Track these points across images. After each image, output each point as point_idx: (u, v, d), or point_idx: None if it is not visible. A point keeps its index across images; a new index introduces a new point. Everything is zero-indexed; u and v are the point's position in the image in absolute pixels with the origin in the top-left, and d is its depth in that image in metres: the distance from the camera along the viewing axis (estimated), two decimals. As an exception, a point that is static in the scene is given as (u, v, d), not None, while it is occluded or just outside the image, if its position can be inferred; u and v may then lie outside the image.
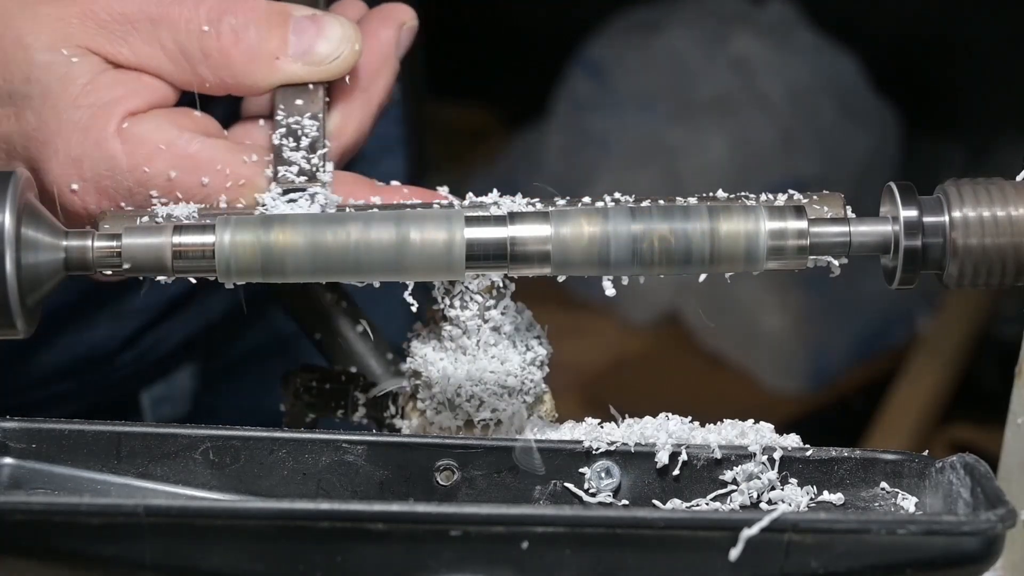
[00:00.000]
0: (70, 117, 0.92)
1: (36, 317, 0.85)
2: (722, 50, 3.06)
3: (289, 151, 0.93)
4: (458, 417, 0.91)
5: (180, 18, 0.93)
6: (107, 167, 0.91)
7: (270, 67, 0.94)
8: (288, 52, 0.94)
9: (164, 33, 0.93)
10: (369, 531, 0.75)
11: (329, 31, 0.96)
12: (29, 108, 0.92)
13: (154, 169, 0.91)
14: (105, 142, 0.91)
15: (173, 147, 0.92)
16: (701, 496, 0.86)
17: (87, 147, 0.91)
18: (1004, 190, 0.86)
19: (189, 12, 0.93)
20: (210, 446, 0.86)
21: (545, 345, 0.91)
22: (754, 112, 3.01)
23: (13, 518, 0.75)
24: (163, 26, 0.93)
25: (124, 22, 0.93)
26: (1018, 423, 0.98)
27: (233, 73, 0.94)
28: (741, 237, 0.84)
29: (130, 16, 0.93)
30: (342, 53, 0.96)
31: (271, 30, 0.94)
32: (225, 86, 0.95)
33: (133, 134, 0.92)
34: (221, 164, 0.92)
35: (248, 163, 0.93)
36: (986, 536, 0.76)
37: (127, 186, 0.92)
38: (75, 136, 0.91)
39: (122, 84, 0.93)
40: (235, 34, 0.93)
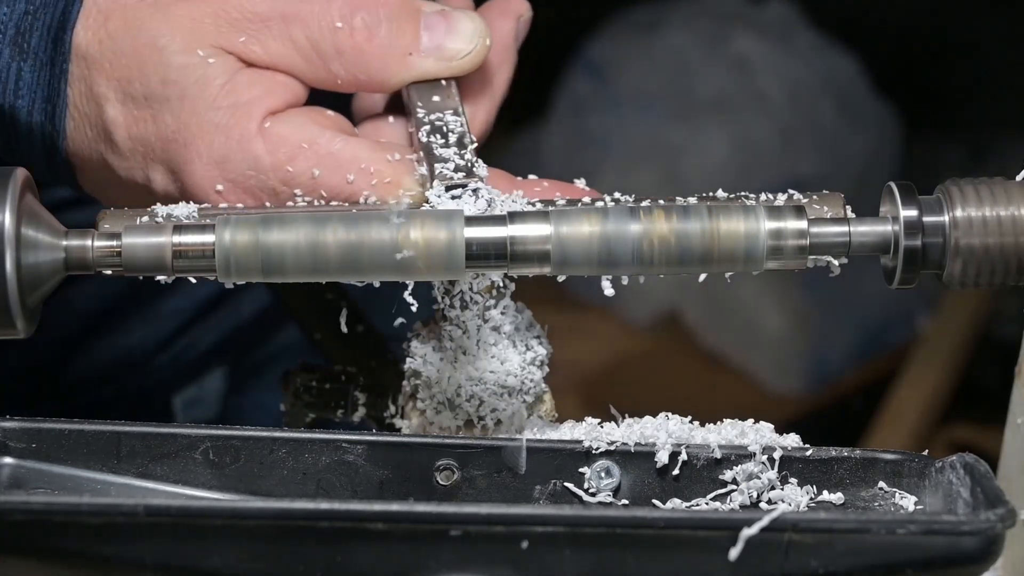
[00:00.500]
0: (210, 119, 0.91)
1: (36, 317, 0.85)
2: (722, 50, 3.05)
3: (439, 148, 0.92)
4: (458, 417, 0.91)
5: (312, 15, 0.93)
6: (251, 167, 0.91)
7: (403, 63, 0.94)
8: (421, 48, 0.94)
9: (296, 30, 0.93)
10: (369, 531, 0.75)
11: (460, 26, 0.96)
12: (167, 111, 0.92)
13: (297, 168, 0.91)
14: (248, 142, 0.91)
15: (315, 145, 0.92)
16: (701, 496, 0.86)
17: (230, 148, 0.91)
18: (1004, 190, 0.86)
19: (321, 9, 0.93)
20: (210, 446, 0.86)
21: (545, 345, 0.91)
22: (754, 112, 3.01)
23: (13, 518, 0.75)
24: (295, 23, 0.93)
25: (257, 20, 0.93)
26: (1018, 423, 0.98)
27: (367, 70, 0.94)
28: (741, 237, 0.84)
29: (263, 14, 0.93)
30: (474, 48, 0.96)
31: (403, 26, 0.94)
32: (358, 83, 0.95)
33: (275, 133, 0.92)
34: (365, 162, 0.92)
35: (392, 161, 0.92)
36: (986, 536, 0.76)
37: (271, 185, 0.92)
38: (217, 137, 0.91)
39: (259, 83, 0.93)
40: (368, 30, 0.93)
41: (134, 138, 0.93)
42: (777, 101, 3.01)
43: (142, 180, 0.94)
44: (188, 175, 0.92)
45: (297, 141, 0.92)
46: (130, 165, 0.94)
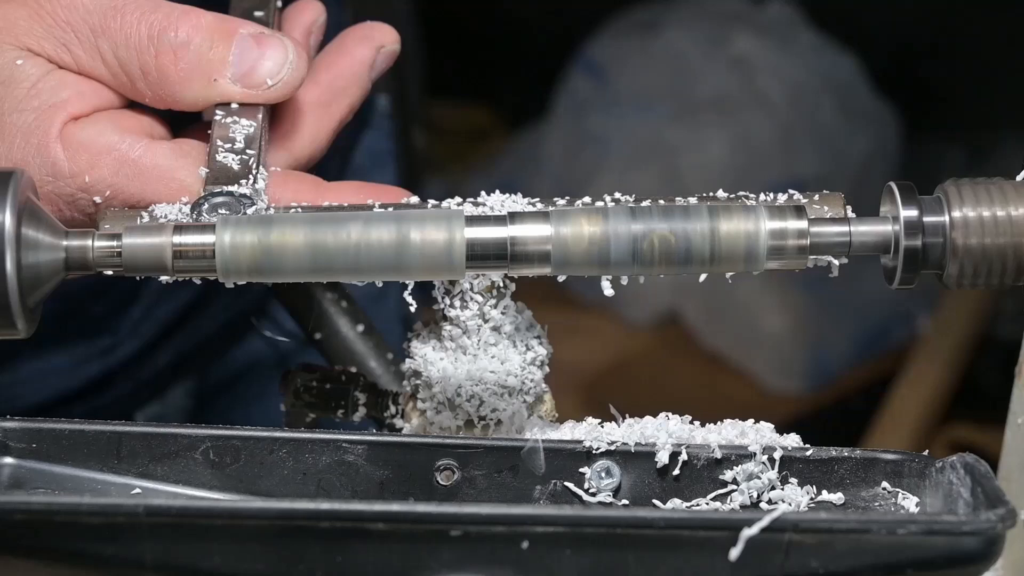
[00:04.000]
0: (14, 121, 0.90)
1: (36, 317, 0.85)
2: (722, 50, 3.06)
3: (223, 152, 0.91)
4: (458, 417, 0.91)
5: (120, 32, 0.91)
6: (49, 173, 0.90)
7: (207, 87, 0.92)
8: (227, 73, 0.92)
9: (104, 45, 0.92)
10: (369, 531, 0.75)
11: (272, 53, 0.93)
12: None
13: (95, 176, 0.90)
14: (47, 147, 0.90)
15: (116, 152, 0.91)
16: (701, 496, 0.86)
17: (28, 152, 0.90)
18: (1004, 190, 0.86)
19: (130, 27, 0.91)
20: (210, 446, 0.86)
21: (545, 345, 0.91)
22: (754, 112, 3.01)
23: (13, 518, 0.75)
24: (104, 38, 0.91)
25: (68, 29, 0.91)
26: (1018, 423, 0.98)
27: (170, 91, 0.92)
28: (741, 237, 0.84)
29: (73, 24, 0.91)
30: (282, 78, 0.93)
31: (212, 48, 0.92)
32: (164, 102, 0.93)
33: (75, 139, 0.90)
34: (165, 171, 0.91)
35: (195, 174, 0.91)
36: (986, 536, 0.76)
37: (69, 192, 0.91)
38: (17, 140, 0.90)
39: (67, 86, 0.91)
40: (173, 52, 0.91)
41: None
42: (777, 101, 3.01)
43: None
44: None
45: (97, 147, 0.90)
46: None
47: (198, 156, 0.92)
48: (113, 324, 1.27)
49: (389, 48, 1.02)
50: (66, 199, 0.91)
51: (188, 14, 0.92)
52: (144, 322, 1.28)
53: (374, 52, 1.01)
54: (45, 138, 0.90)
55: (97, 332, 1.27)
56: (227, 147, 0.91)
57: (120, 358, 1.28)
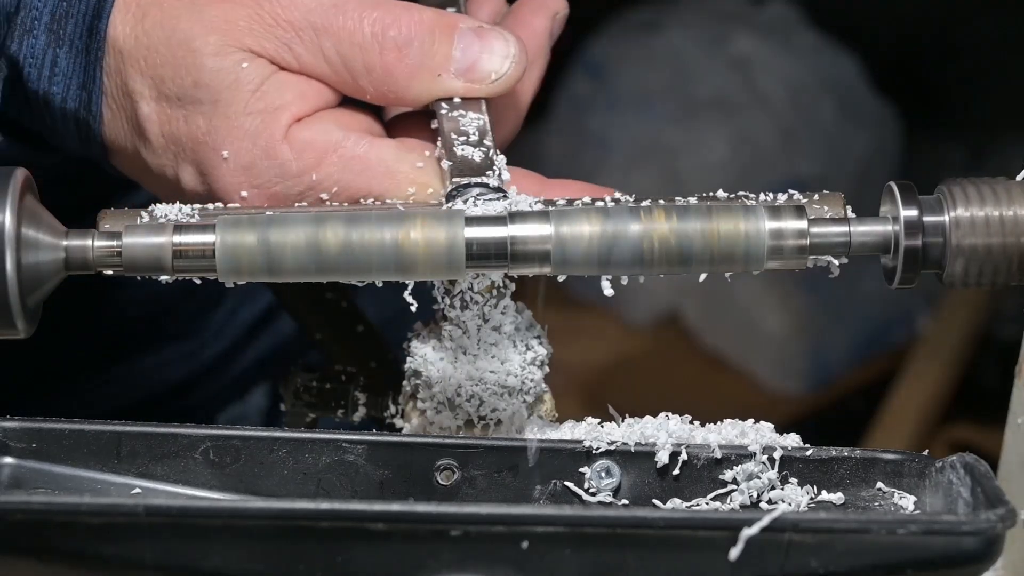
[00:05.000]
0: (241, 124, 0.91)
1: (36, 317, 0.85)
2: (722, 50, 3.05)
3: (460, 146, 0.91)
4: (458, 417, 0.91)
5: (344, 29, 0.92)
6: (277, 174, 0.91)
7: (432, 83, 0.93)
8: (451, 68, 0.93)
9: (327, 43, 0.92)
10: (369, 531, 0.75)
11: (495, 46, 0.94)
12: (199, 113, 0.92)
13: (323, 173, 0.91)
14: (274, 149, 0.91)
15: (341, 149, 0.91)
16: (701, 496, 0.86)
17: (256, 154, 0.91)
18: (1004, 190, 0.86)
19: (353, 24, 0.92)
20: (210, 446, 0.86)
21: (545, 345, 0.91)
22: (754, 112, 3.00)
23: (13, 518, 0.75)
24: (326, 36, 0.92)
25: (289, 29, 0.92)
26: (1018, 423, 0.98)
27: (395, 88, 0.93)
28: (741, 237, 0.84)
29: (295, 23, 0.92)
30: (506, 72, 0.94)
31: (435, 45, 0.92)
32: (387, 99, 0.94)
33: (300, 139, 0.91)
34: (391, 164, 0.91)
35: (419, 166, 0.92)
36: (986, 536, 0.76)
37: (297, 191, 0.91)
38: (245, 143, 0.91)
39: (290, 88, 0.92)
40: (398, 49, 0.92)
41: (166, 136, 0.93)
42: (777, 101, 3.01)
43: (172, 176, 0.94)
44: (215, 179, 0.92)
45: (323, 146, 0.91)
46: (161, 162, 0.94)
47: (421, 151, 0.93)
48: (198, 327, 1.28)
49: (562, 13, 1.02)
50: (295, 198, 0.91)
51: (409, 10, 0.93)
52: (228, 325, 1.29)
53: (551, 20, 1.01)
54: (272, 140, 0.91)
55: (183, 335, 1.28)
56: (462, 140, 0.92)
57: (205, 360, 1.30)
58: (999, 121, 3.09)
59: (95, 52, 0.93)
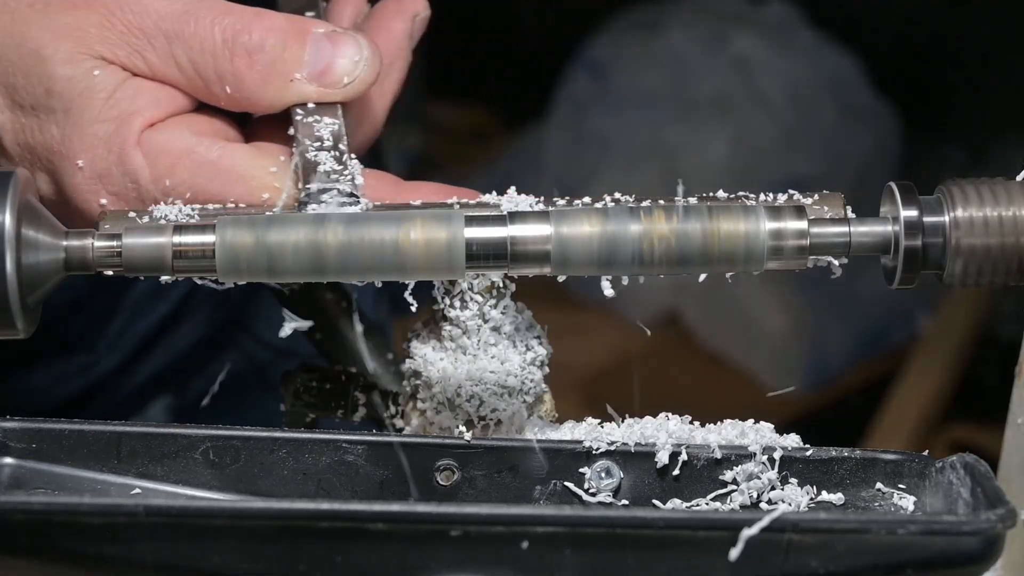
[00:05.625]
0: (94, 132, 0.91)
1: (36, 317, 0.85)
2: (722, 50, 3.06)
3: (313, 151, 0.92)
4: (458, 417, 0.91)
5: (195, 36, 0.92)
6: (131, 180, 0.91)
7: (284, 88, 0.93)
8: (304, 73, 0.93)
9: (179, 50, 0.92)
10: (369, 531, 0.75)
11: (346, 51, 0.93)
12: (52, 121, 0.91)
13: (175, 179, 0.91)
14: (127, 155, 0.91)
15: (194, 154, 0.91)
16: (701, 496, 0.86)
17: (111, 162, 0.91)
18: (1004, 190, 0.86)
19: (204, 31, 0.92)
20: (210, 446, 0.86)
21: (545, 345, 0.91)
22: (754, 112, 3.01)
23: (13, 518, 0.75)
24: (178, 43, 0.92)
25: (141, 35, 0.92)
26: (1018, 423, 0.98)
27: (247, 94, 0.92)
28: (741, 237, 0.84)
29: (146, 30, 0.91)
30: (358, 76, 0.94)
31: (286, 50, 0.92)
32: (240, 104, 0.94)
33: (154, 145, 0.91)
34: (244, 170, 0.91)
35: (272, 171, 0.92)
36: (986, 536, 0.76)
37: (153, 197, 0.91)
38: (99, 151, 0.91)
39: (143, 94, 0.92)
40: (249, 55, 0.92)
41: (22, 145, 0.92)
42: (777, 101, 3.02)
43: None
44: (72, 188, 0.91)
45: (176, 151, 0.91)
46: None
47: (275, 156, 0.93)
48: (91, 341, 1.27)
49: (423, 15, 1.02)
50: (148, 205, 0.91)
51: (261, 16, 0.93)
52: (122, 338, 1.28)
53: (410, 22, 1.01)
54: (124, 147, 0.91)
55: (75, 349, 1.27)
56: (316, 145, 0.92)
57: (99, 375, 1.28)
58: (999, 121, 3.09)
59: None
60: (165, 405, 1.35)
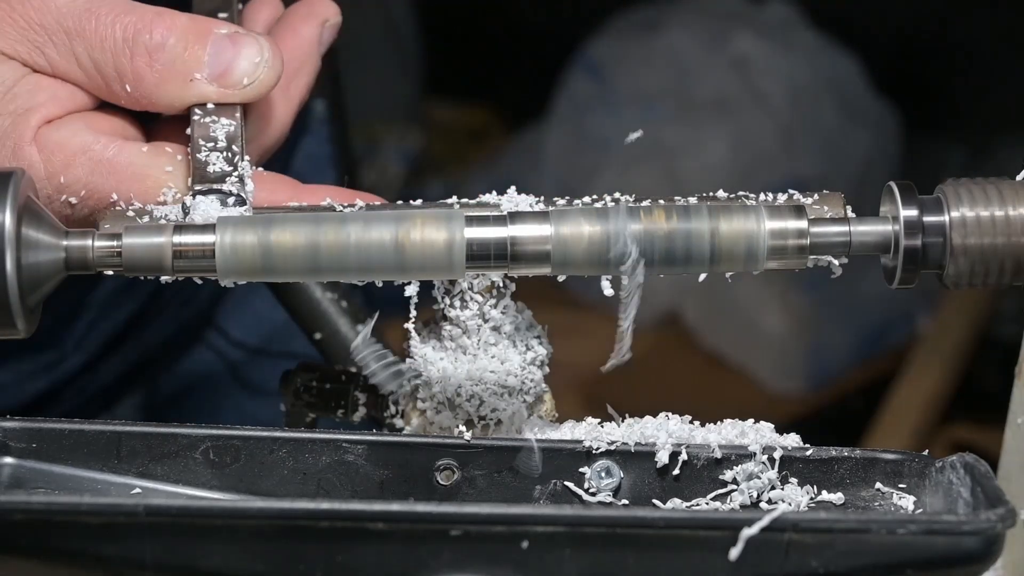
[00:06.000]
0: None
1: (36, 317, 0.85)
2: (722, 50, 3.06)
3: (207, 151, 0.91)
4: (458, 417, 0.91)
5: (95, 34, 0.91)
6: None
7: (183, 88, 0.92)
8: (204, 73, 0.92)
9: (79, 47, 0.91)
10: (369, 531, 0.75)
11: (247, 52, 0.93)
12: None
13: (70, 177, 0.90)
14: (21, 150, 0.90)
15: (90, 152, 0.91)
16: (701, 496, 0.86)
17: (5, 156, 0.90)
18: (1004, 190, 0.86)
19: (105, 28, 0.91)
20: (210, 446, 0.86)
21: (545, 345, 0.91)
22: (754, 112, 3.01)
23: (13, 518, 0.75)
24: (78, 40, 0.91)
25: (41, 32, 0.91)
26: (1018, 423, 0.98)
27: (146, 93, 0.92)
28: (741, 237, 0.84)
29: (47, 27, 0.91)
30: (258, 77, 0.93)
31: (187, 49, 0.92)
32: (139, 103, 0.93)
33: (50, 140, 0.90)
34: (140, 171, 0.91)
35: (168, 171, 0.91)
36: (986, 536, 0.76)
37: (46, 194, 0.90)
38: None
39: (42, 90, 0.91)
40: (149, 54, 0.91)
41: None
42: (777, 101, 3.02)
43: None
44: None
45: (72, 148, 0.90)
46: None
47: (173, 155, 0.92)
48: (57, 338, 1.27)
49: (333, 21, 1.02)
50: (44, 201, 0.90)
51: (162, 15, 0.92)
52: (89, 335, 1.28)
53: (320, 27, 1.01)
54: (20, 141, 0.90)
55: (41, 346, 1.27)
56: (209, 146, 0.91)
57: (66, 372, 1.28)
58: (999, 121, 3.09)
59: None
60: (133, 404, 1.35)
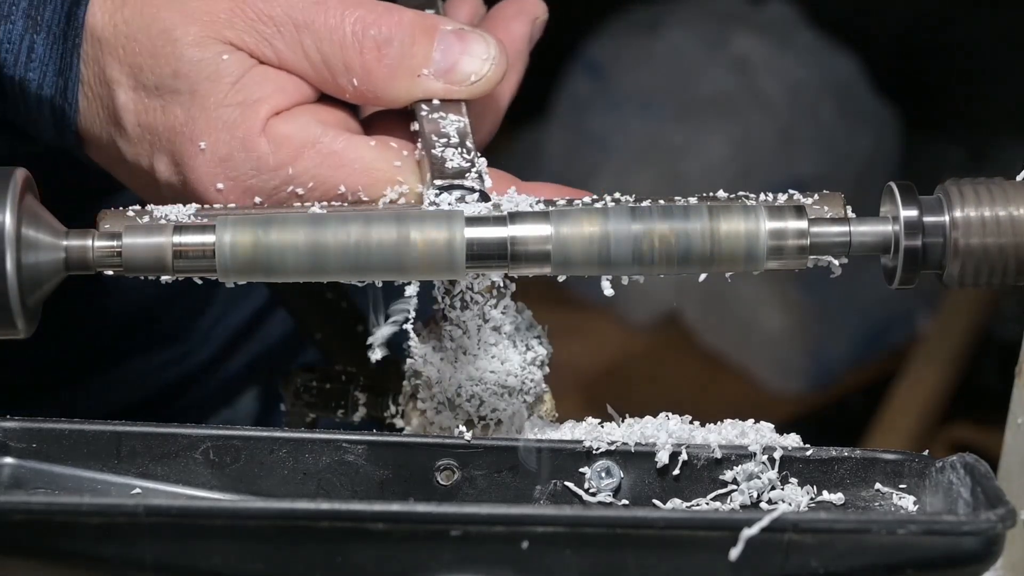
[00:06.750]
0: (219, 116, 0.91)
1: (36, 317, 0.85)
2: (722, 50, 3.05)
3: (440, 147, 0.91)
4: (458, 417, 0.91)
5: (325, 27, 0.92)
6: (253, 167, 0.91)
7: (411, 83, 0.93)
8: (431, 69, 0.93)
9: (308, 40, 0.92)
10: (369, 531, 0.75)
11: (474, 49, 0.94)
12: (177, 103, 0.91)
13: (300, 168, 0.91)
14: (252, 141, 0.91)
15: (319, 144, 0.91)
16: (701, 496, 0.86)
17: (234, 147, 0.91)
18: (1004, 190, 0.86)
19: (334, 21, 0.92)
20: (210, 446, 0.86)
21: (545, 345, 0.91)
22: (754, 112, 3.00)
23: (13, 518, 0.75)
24: (307, 33, 0.92)
25: (271, 24, 0.92)
26: (1018, 423, 0.98)
27: (374, 87, 0.93)
28: (741, 237, 0.84)
29: (276, 18, 0.92)
30: (485, 74, 0.94)
31: (415, 45, 0.93)
32: (365, 98, 0.94)
33: (279, 132, 0.91)
34: (368, 162, 0.91)
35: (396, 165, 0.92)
36: (986, 536, 0.76)
37: (273, 185, 0.91)
38: (223, 135, 0.91)
39: (269, 81, 0.92)
40: (378, 49, 0.92)
41: (143, 125, 0.93)
42: (777, 101, 3.01)
43: (147, 166, 0.94)
44: (191, 170, 0.91)
45: (301, 140, 0.91)
46: (137, 151, 0.94)
47: (399, 150, 0.92)
48: (186, 331, 1.28)
49: (542, 18, 1.03)
50: (270, 192, 0.91)
51: (390, 10, 0.93)
52: (215, 329, 1.29)
53: (531, 24, 1.02)
54: (250, 132, 0.91)
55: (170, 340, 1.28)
56: (443, 142, 0.92)
57: (193, 365, 1.29)
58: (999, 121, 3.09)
59: (73, 39, 0.93)
60: (254, 396, 1.36)
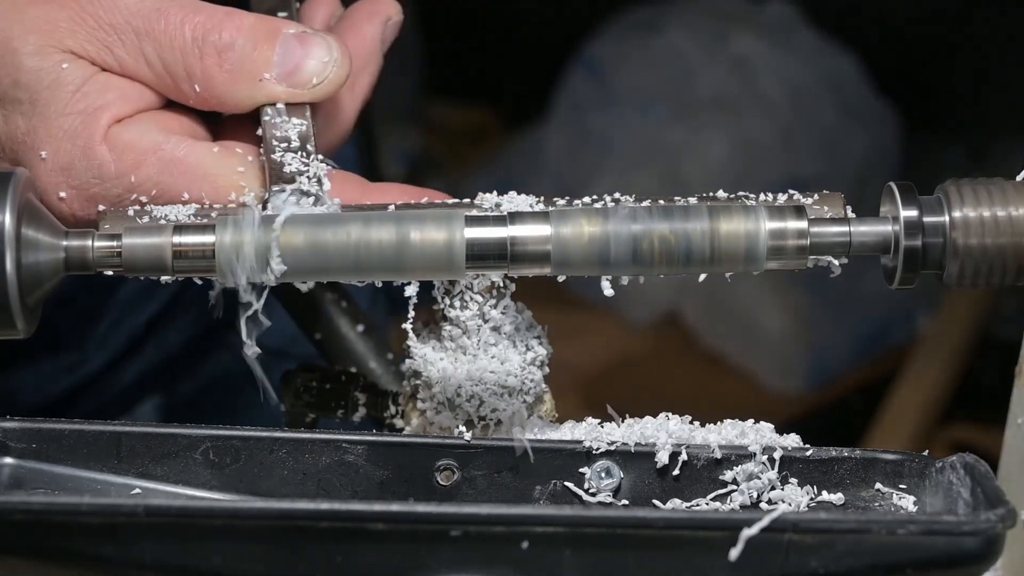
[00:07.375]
0: (60, 125, 0.90)
1: (36, 317, 0.85)
2: (722, 50, 3.06)
3: (280, 152, 0.92)
4: (458, 417, 0.91)
5: (165, 34, 0.92)
6: (95, 175, 0.90)
7: (253, 88, 0.93)
8: (273, 73, 0.93)
9: (149, 47, 0.92)
10: (369, 531, 0.75)
11: (316, 52, 0.93)
12: (18, 112, 0.91)
13: (141, 176, 0.90)
14: (92, 149, 0.90)
15: (160, 151, 0.91)
16: (701, 496, 0.86)
17: (75, 155, 0.90)
18: (1004, 190, 0.86)
19: (174, 28, 0.92)
20: (210, 446, 0.86)
21: (545, 345, 0.91)
22: (754, 112, 3.01)
23: (13, 518, 0.75)
24: (148, 40, 0.92)
25: (111, 31, 0.91)
26: (1018, 423, 0.98)
27: (216, 93, 0.92)
28: (741, 237, 0.84)
29: (117, 26, 0.92)
30: (327, 76, 0.94)
31: (256, 50, 0.92)
32: (208, 103, 0.93)
33: (120, 140, 0.91)
34: (211, 169, 0.91)
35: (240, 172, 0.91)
36: (986, 536, 0.76)
37: (116, 193, 0.91)
38: (64, 144, 0.90)
39: (112, 89, 0.92)
40: (219, 54, 0.92)
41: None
42: (777, 101, 3.02)
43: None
44: (33, 179, 0.90)
45: (142, 148, 0.91)
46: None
47: (244, 156, 0.92)
48: (79, 339, 1.27)
49: (395, 19, 1.02)
50: (113, 200, 0.91)
51: (231, 15, 0.93)
52: (111, 336, 1.28)
53: (383, 25, 1.01)
54: (90, 140, 0.90)
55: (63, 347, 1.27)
56: (283, 146, 0.92)
57: (87, 374, 1.28)
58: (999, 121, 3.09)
59: None
60: (154, 405, 1.35)
